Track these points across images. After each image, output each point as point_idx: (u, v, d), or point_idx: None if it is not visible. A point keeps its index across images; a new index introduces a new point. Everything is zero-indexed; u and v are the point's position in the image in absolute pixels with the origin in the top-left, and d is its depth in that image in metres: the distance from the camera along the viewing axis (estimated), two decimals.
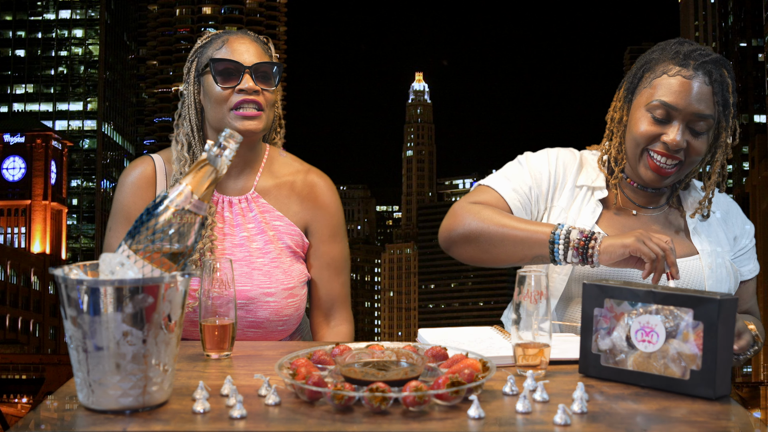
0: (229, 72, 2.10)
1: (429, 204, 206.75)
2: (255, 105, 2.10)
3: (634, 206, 2.09)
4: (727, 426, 1.27)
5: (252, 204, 2.18)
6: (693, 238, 2.07)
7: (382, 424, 1.22)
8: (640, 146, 1.99)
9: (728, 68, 1.99)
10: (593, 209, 2.06)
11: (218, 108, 2.11)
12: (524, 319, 1.51)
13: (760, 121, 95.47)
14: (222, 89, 2.09)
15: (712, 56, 1.96)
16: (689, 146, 1.96)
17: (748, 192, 79.21)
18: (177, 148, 2.16)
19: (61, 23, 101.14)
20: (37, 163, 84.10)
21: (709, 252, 2.06)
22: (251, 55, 2.12)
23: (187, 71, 2.19)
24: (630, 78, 2.05)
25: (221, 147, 1.40)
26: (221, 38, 2.16)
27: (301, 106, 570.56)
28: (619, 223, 2.07)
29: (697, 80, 1.94)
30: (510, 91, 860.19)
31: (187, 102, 2.17)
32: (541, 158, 2.12)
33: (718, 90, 1.95)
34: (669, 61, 1.97)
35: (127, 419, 1.26)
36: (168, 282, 1.29)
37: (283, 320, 2.14)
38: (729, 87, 1.97)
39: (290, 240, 2.18)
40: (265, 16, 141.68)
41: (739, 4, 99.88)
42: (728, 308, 1.40)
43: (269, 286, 2.11)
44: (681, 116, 1.94)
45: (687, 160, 1.98)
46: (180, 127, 2.18)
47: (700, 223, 2.10)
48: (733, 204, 2.21)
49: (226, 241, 2.13)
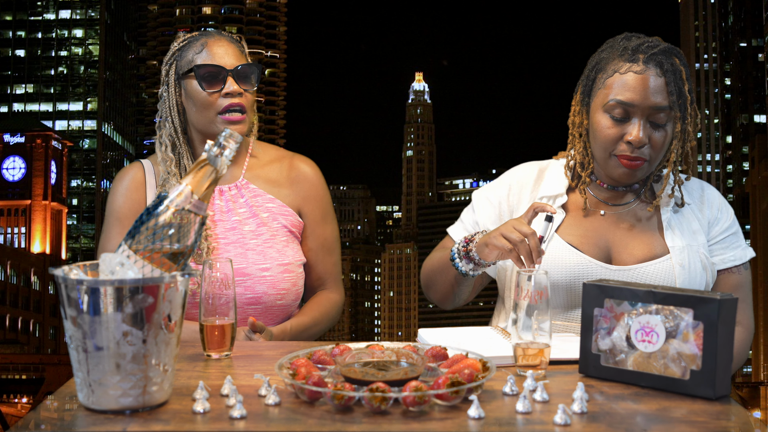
0: (213, 76, 2.16)
1: (429, 204, 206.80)
2: (239, 108, 2.18)
3: (604, 206, 2.06)
4: (727, 426, 1.27)
5: (242, 190, 2.25)
6: (666, 234, 2.02)
7: (382, 424, 1.22)
8: (607, 150, 1.97)
9: (679, 56, 1.97)
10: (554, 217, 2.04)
11: (204, 112, 2.18)
12: (524, 319, 1.51)
13: (760, 121, 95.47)
14: (208, 94, 2.16)
15: (660, 47, 1.95)
16: (651, 140, 1.94)
17: (748, 192, 79.22)
18: (161, 149, 2.23)
19: (61, 23, 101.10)
20: (37, 163, 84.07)
21: (681, 248, 1.99)
22: (231, 57, 2.19)
23: (166, 74, 2.25)
24: (584, 81, 2.04)
25: (221, 147, 1.40)
26: (199, 41, 2.22)
27: (301, 106, 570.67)
28: (583, 228, 2.04)
29: (649, 73, 1.92)
30: (510, 91, 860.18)
31: (168, 104, 2.23)
32: (489, 191, 2.17)
33: (671, 80, 1.93)
34: (618, 59, 1.96)
35: (127, 419, 1.26)
36: (168, 282, 1.29)
37: (281, 293, 2.20)
38: (682, 74, 1.95)
39: (285, 220, 2.25)
40: (265, 16, 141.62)
41: (739, 4, 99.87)
42: (728, 308, 1.40)
43: (264, 263, 2.18)
44: (639, 112, 1.93)
45: (652, 153, 1.96)
46: (162, 128, 2.24)
47: (674, 216, 2.04)
48: (710, 190, 2.13)
49: (218, 227, 2.20)
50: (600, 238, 2.02)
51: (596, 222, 2.04)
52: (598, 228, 2.03)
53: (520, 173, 2.17)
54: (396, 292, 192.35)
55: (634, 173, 1.97)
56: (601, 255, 2.00)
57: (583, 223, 2.04)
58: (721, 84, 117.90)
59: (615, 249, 2.01)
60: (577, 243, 2.01)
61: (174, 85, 2.22)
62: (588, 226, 2.04)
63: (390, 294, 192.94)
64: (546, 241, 1.87)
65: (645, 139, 1.93)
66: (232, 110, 2.17)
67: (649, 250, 2.00)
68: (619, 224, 2.04)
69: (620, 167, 1.97)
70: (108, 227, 2.25)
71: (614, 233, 2.03)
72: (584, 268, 1.97)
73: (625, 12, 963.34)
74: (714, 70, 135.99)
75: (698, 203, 2.09)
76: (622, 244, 2.01)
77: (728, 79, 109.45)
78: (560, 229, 2.04)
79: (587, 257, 1.99)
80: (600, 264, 1.98)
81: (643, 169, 1.97)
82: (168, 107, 2.23)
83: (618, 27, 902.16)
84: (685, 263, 1.98)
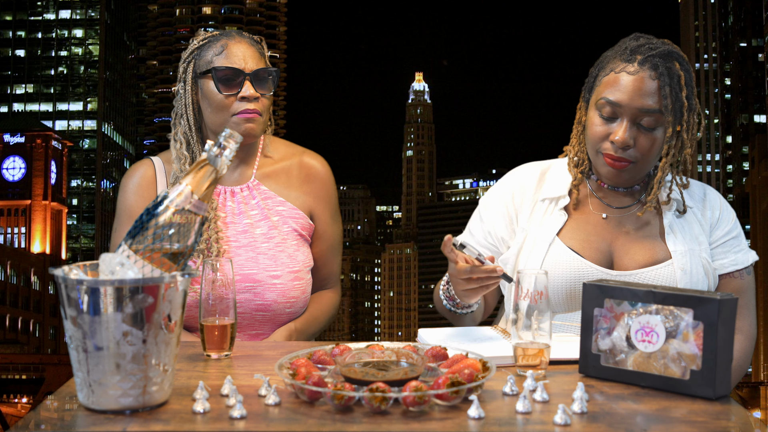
0: (231, 79, 2.14)
1: (429, 204, 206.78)
2: (254, 111, 2.15)
3: (606, 208, 2.03)
4: (727, 426, 1.27)
5: (254, 191, 2.24)
6: (668, 238, 1.98)
7: (382, 424, 1.22)
8: (594, 147, 1.96)
9: (680, 60, 1.93)
10: (556, 219, 2.03)
11: (219, 113, 2.16)
12: (524, 319, 1.51)
13: (760, 121, 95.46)
14: (224, 96, 2.14)
15: (660, 49, 1.91)
16: (638, 143, 1.91)
17: (748, 192, 79.19)
18: (176, 146, 2.20)
19: (61, 23, 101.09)
20: (37, 163, 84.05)
21: (683, 253, 1.96)
22: (250, 60, 2.17)
23: (184, 71, 2.22)
24: (589, 77, 2.03)
25: (221, 147, 1.40)
26: (219, 42, 2.19)
27: (301, 106, 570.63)
28: (585, 231, 2.02)
29: (641, 75, 1.89)
30: (510, 91, 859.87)
31: (184, 101, 2.21)
32: (493, 197, 2.15)
33: (666, 83, 1.89)
34: (618, 58, 1.94)
35: (127, 419, 1.26)
36: (168, 282, 1.29)
37: (291, 302, 2.19)
38: (681, 79, 1.91)
39: (295, 223, 2.24)
40: (265, 16, 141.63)
41: (739, 4, 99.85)
42: (728, 308, 1.40)
43: (275, 269, 2.17)
44: (626, 113, 1.90)
45: (638, 156, 1.92)
46: (178, 125, 2.22)
47: (676, 220, 2.01)
48: (712, 193, 2.09)
49: (230, 230, 2.18)
50: (602, 242, 2.00)
51: (598, 225, 2.02)
52: (600, 232, 2.01)
53: (521, 176, 2.15)
54: (396, 292, 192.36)
55: (619, 174, 1.95)
56: (602, 260, 1.98)
57: (584, 226, 2.02)
58: (721, 84, 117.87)
59: (617, 254, 1.99)
60: (578, 247, 1.99)
61: (191, 83, 2.20)
62: (590, 230, 2.02)
63: (390, 294, 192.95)
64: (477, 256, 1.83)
65: (629, 140, 1.90)
66: (246, 113, 2.15)
67: (650, 255, 1.98)
68: (621, 228, 2.01)
69: (605, 166, 1.95)
70: (119, 225, 2.24)
71: (616, 237, 2.00)
72: (585, 273, 1.95)
73: (625, 12, 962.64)
74: (714, 70, 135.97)
75: (700, 206, 2.06)
76: (624, 249, 1.99)
77: (728, 79, 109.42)
78: (561, 233, 2.02)
79: (588, 262, 1.97)
80: (601, 269, 1.96)
81: (630, 170, 1.95)
82: (184, 104, 2.21)
83: (618, 27, 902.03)
84: (687, 268, 1.96)
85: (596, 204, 2.05)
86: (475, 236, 2.15)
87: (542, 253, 1.99)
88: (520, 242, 2.05)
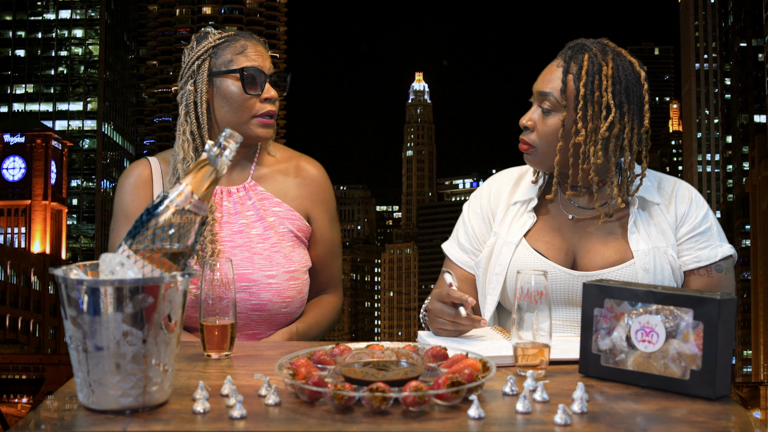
0: (254, 79, 2.15)
1: (429, 204, 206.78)
2: (272, 114, 2.19)
3: (574, 209, 2.04)
4: (727, 426, 1.27)
5: (250, 192, 2.23)
6: (630, 237, 1.97)
7: (382, 424, 1.22)
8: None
9: (592, 54, 1.96)
10: (524, 223, 2.05)
11: (239, 113, 2.16)
12: (524, 319, 1.51)
13: (760, 121, 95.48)
14: (248, 96, 2.15)
15: (580, 42, 2.01)
16: (538, 126, 2.00)
17: (748, 192, 79.21)
18: (183, 146, 2.17)
19: (61, 23, 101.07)
20: (37, 163, 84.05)
21: (645, 252, 1.95)
22: (268, 61, 2.20)
23: (197, 68, 2.17)
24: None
25: (221, 147, 1.40)
26: (239, 42, 2.18)
27: (301, 106, 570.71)
28: (551, 234, 2.03)
29: (553, 63, 2.01)
30: (510, 91, 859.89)
31: (195, 99, 2.17)
32: (473, 202, 2.20)
33: (567, 70, 1.96)
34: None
35: (127, 419, 1.26)
36: (168, 282, 1.29)
37: (287, 302, 2.18)
38: (582, 69, 1.94)
39: (291, 225, 2.23)
40: (265, 16, 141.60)
41: (739, 4, 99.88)
42: (728, 308, 1.40)
43: (270, 269, 2.16)
44: (534, 98, 2.02)
45: (537, 141, 2.00)
46: (185, 124, 2.18)
47: (641, 218, 1.99)
48: (682, 187, 2.06)
49: (225, 230, 2.18)
50: (566, 243, 2.02)
51: (564, 227, 2.04)
52: (566, 233, 2.03)
53: (498, 180, 2.20)
54: (396, 292, 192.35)
55: (527, 158, 2.04)
56: (566, 261, 2.00)
57: (551, 228, 2.05)
58: (721, 84, 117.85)
59: (579, 254, 2.01)
60: (543, 249, 2.02)
61: (206, 81, 2.17)
62: (555, 231, 2.04)
63: (390, 294, 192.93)
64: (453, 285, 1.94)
65: (525, 122, 2.01)
66: (267, 115, 2.17)
67: (613, 255, 1.98)
68: (587, 228, 2.03)
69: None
70: (116, 225, 2.24)
71: (580, 238, 2.02)
72: (549, 275, 1.94)
73: (625, 12, 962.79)
74: (714, 70, 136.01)
75: (666, 202, 2.03)
76: (587, 249, 2.00)
77: (728, 79, 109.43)
78: (528, 235, 2.05)
79: (551, 263, 1.99)
80: (564, 270, 1.98)
81: (532, 155, 2.02)
82: (194, 102, 2.17)
83: (618, 27, 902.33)
84: (650, 267, 1.94)
85: (565, 205, 2.06)
86: (459, 241, 2.19)
87: (509, 254, 2.03)
88: (492, 245, 2.08)
